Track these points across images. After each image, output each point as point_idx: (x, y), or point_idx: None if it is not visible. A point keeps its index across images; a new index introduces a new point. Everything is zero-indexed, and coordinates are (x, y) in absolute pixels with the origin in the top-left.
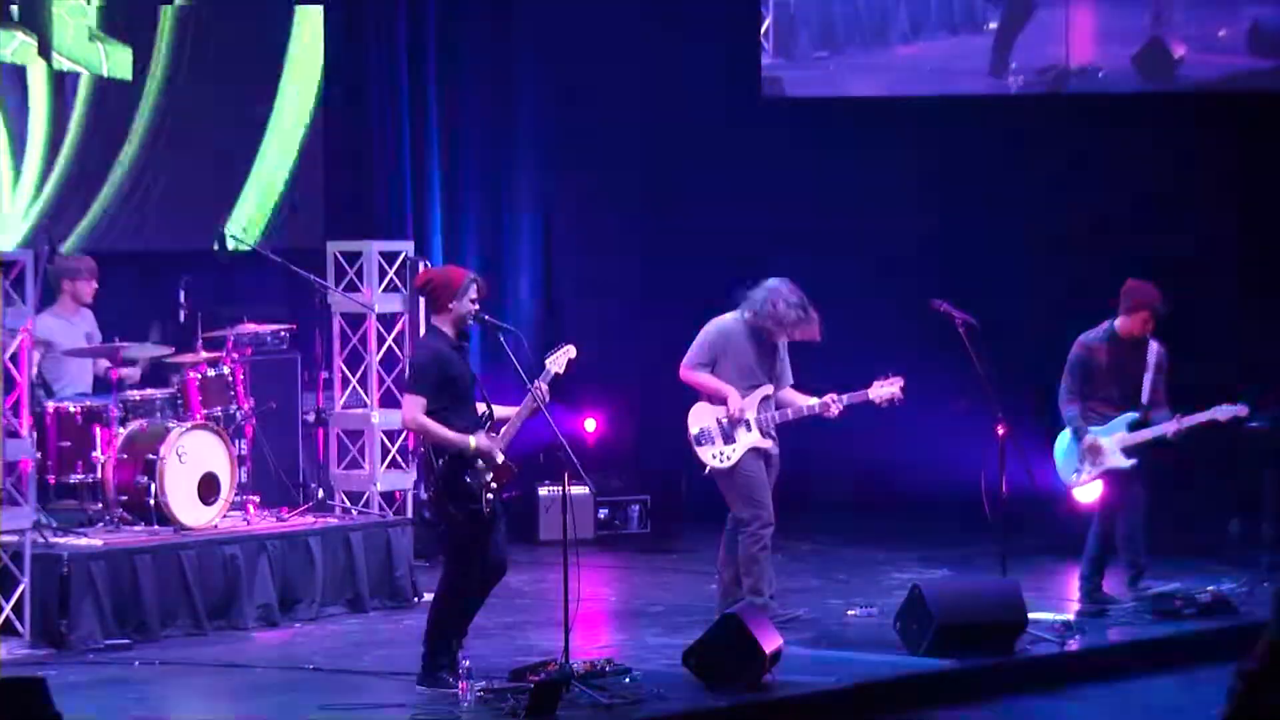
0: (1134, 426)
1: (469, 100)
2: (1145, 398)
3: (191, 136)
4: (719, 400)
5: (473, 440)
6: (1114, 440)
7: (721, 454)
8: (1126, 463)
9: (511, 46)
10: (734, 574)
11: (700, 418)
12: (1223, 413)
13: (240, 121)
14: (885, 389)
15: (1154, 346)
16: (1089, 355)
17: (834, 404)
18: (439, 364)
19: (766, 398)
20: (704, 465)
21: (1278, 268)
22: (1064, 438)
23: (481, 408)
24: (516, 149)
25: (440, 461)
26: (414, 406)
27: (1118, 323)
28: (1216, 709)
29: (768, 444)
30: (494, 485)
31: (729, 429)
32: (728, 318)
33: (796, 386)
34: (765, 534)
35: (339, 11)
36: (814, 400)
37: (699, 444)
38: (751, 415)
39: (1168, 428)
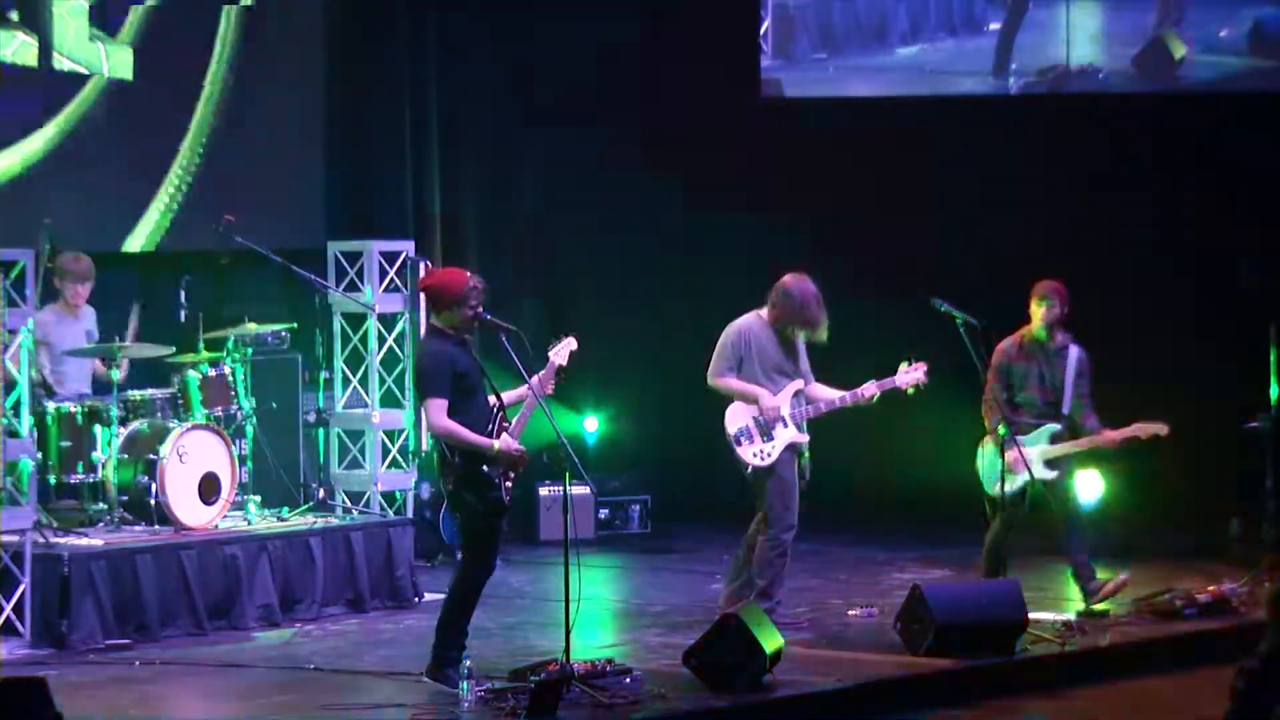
0: (1055, 438)
1: (469, 99)
2: (1066, 407)
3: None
4: (750, 402)
5: (496, 444)
6: (1035, 452)
7: (762, 451)
8: (1049, 475)
9: (512, 46)
10: (748, 578)
11: (737, 418)
12: (1143, 430)
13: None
14: (911, 374)
15: (1074, 351)
16: (1005, 360)
17: (868, 389)
18: (447, 362)
19: (798, 392)
20: (746, 465)
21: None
22: (987, 447)
23: (492, 399)
24: (517, 149)
25: (457, 455)
26: (438, 412)
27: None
28: (1217, 709)
29: (804, 438)
30: (511, 475)
31: (767, 426)
32: (747, 319)
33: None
34: (787, 539)
35: (340, 10)
36: (843, 392)
37: (739, 443)
38: (786, 411)
39: (1111, 437)
